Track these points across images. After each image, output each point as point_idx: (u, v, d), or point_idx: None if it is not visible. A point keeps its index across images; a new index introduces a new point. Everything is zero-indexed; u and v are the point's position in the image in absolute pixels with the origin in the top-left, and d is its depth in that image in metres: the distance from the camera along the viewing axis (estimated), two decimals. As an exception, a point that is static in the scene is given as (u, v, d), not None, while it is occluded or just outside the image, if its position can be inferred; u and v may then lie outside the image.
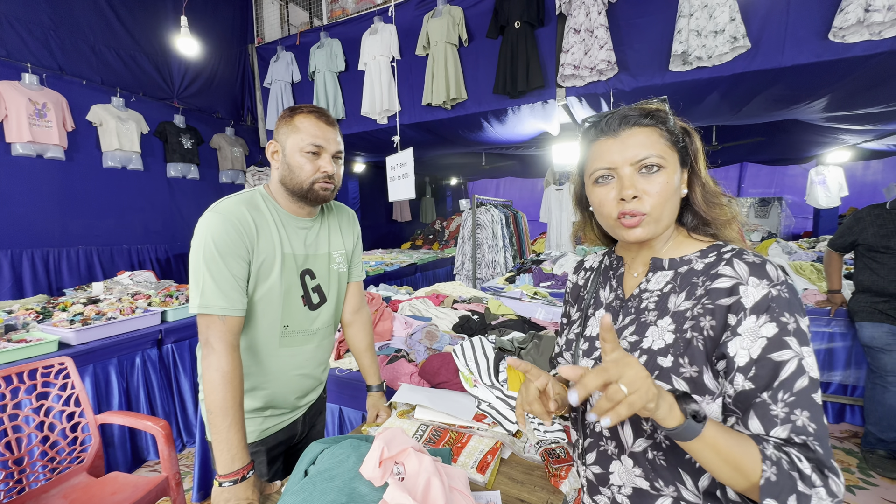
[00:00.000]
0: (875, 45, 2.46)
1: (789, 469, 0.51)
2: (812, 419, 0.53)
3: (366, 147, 5.14)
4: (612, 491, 0.70)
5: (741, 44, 2.68)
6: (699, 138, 0.70)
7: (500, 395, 1.28)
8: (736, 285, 0.60)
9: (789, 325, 0.56)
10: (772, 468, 0.51)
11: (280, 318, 1.05)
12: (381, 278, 4.31)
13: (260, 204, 1.04)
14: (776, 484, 0.50)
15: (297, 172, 1.01)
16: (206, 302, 0.92)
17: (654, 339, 0.65)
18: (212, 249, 0.92)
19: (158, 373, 2.43)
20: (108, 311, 2.37)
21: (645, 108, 0.69)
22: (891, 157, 5.93)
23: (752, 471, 0.52)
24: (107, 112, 3.38)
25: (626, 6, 3.05)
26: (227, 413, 0.90)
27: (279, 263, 1.02)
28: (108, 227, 3.45)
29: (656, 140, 0.66)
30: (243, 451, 0.92)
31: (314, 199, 1.05)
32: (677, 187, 0.67)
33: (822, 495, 0.50)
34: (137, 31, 3.65)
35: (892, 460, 2.18)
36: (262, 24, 4.89)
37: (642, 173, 0.65)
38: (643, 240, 0.68)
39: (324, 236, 1.15)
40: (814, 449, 0.52)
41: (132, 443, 2.28)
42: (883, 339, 2.14)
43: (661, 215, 0.66)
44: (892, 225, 2.14)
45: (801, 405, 0.54)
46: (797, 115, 3.76)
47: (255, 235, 0.98)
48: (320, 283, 1.13)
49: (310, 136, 1.00)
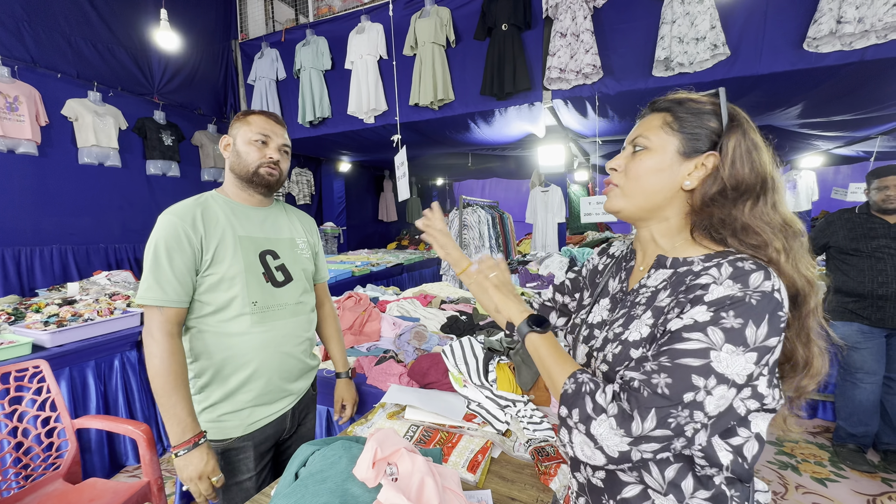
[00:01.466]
0: (846, 55, 2.57)
1: (586, 392, 0.60)
2: (669, 386, 0.54)
3: (352, 146, 5.10)
4: (588, 470, 0.72)
5: (721, 51, 2.76)
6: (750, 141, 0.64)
7: (490, 394, 1.29)
8: (709, 283, 0.58)
9: (725, 321, 0.54)
10: (571, 384, 0.62)
11: (247, 295, 1.09)
12: (368, 278, 4.28)
13: (209, 201, 1.13)
14: (570, 396, 0.61)
15: (245, 157, 1.13)
16: (146, 294, 1.00)
17: (632, 332, 0.66)
18: (159, 248, 1.02)
19: (138, 375, 2.37)
20: (84, 313, 2.30)
21: (676, 95, 0.70)
22: (860, 162, 6.19)
23: (559, 380, 0.64)
24: (83, 107, 3.28)
25: (611, 12, 3.11)
26: (171, 393, 0.98)
27: (232, 245, 1.10)
28: (84, 225, 3.33)
29: (656, 124, 0.68)
30: (193, 422, 1.01)
31: (259, 182, 1.15)
32: (662, 171, 0.66)
33: (613, 425, 0.55)
34: (115, 23, 3.54)
35: (862, 454, 2.28)
36: (246, 20, 4.80)
37: (634, 151, 0.70)
38: (614, 211, 0.73)
39: (283, 223, 1.25)
40: (641, 394, 0.55)
41: (110, 448, 2.21)
42: (853, 338, 2.23)
43: (633, 192, 0.69)
44: (861, 229, 2.24)
45: (671, 374, 0.54)
46: (773, 121, 3.90)
47: (202, 228, 1.06)
48: (285, 263, 1.20)
49: (258, 128, 1.14)
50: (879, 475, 2.19)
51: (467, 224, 4.31)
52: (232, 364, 1.09)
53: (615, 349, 0.67)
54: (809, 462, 2.32)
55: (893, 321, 2.13)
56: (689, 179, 0.66)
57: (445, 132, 4.30)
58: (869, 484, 2.13)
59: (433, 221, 1.00)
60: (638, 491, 0.65)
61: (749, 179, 0.63)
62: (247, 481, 1.12)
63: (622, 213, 0.72)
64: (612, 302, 0.77)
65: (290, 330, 1.19)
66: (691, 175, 0.65)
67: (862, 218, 2.26)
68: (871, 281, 2.15)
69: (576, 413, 0.59)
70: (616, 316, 0.72)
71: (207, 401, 1.10)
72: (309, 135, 4.42)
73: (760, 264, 0.58)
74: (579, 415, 0.59)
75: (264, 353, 1.12)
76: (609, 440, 0.56)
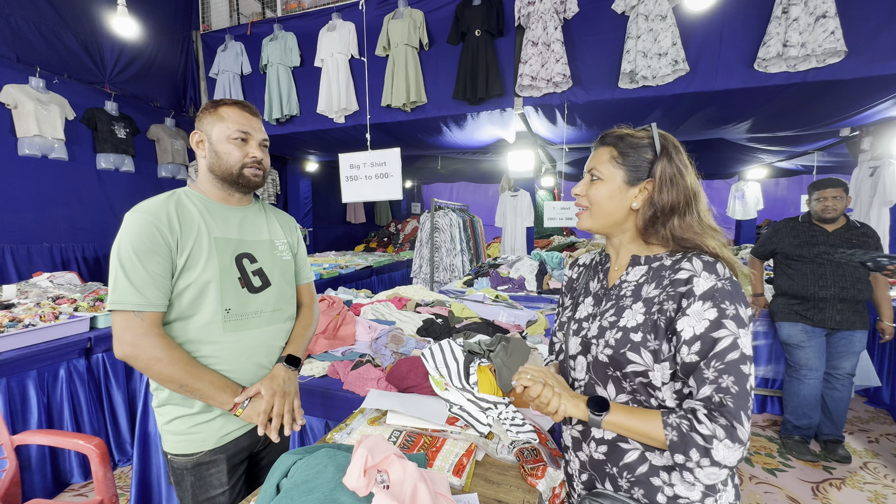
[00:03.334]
0: (791, 76, 2.79)
1: (689, 431, 0.68)
2: (736, 383, 0.68)
3: (320, 146, 4.99)
4: (592, 447, 0.84)
5: (681, 67, 2.93)
6: (676, 167, 0.80)
7: (472, 397, 1.29)
8: (691, 277, 0.75)
9: (728, 310, 0.71)
10: (672, 433, 0.69)
11: (220, 301, 1.02)
12: (338, 281, 4.19)
13: (182, 199, 1.05)
14: (678, 443, 0.68)
15: (226, 158, 1.05)
16: (122, 298, 0.92)
17: (628, 319, 0.79)
18: (128, 249, 0.93)
19: (87, 386, 2.19)
20: (25, 318, 2.10)
21: (620, 131, 0.86)
22: (798, 175, 6.73)
23: (659, 436, 0.71)
24: (23, 93, 3.02)
25: (580, 24, 3.22)
26: (196, 374, 0.96)
27: (208, 247, 1.02)
28: (25, 222, 3.06)
29: (605, 158, 0.84)
30: (230, 385, 1.00)
31: (245, 184, 1.08)
32: (615, 198, 0.83)
33: (728, 444, 0.66)
34: (62, 4, 3.29)
35: (806, 444, 2.47)
36: (209, 11, 4.59)
37: (592, 181, 0.86)
38: (584, 229, 0.88)
39: (262, 223, 1.17)
40: (727, 405, 0.67)
41: (53, 465, 2.03)
42: (798, 337, 2.42)
43: (598, 214, 0.85)
44: (805, 236, 2.42)
45: (730, 371, 0.69)
46: (725, 134, 4.17)
47: (178, 229, 0.99)
48: (262, 268, 1.12)
49: (236, 123, 1.05)
50: (821, 464, 2.37)
51: (438, 227, 4.31)
52: None
53: (616, 335, 0.79)
54: (760, 454, 2.48)
55: (832, 321, 2.32)
56: (635, 201, 0.82)
57: (417, 134, 4.29)
58: (812, 472, 2.30)
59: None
60: (637, 455, 0.79)
61: (675, 200, 0.79)
62: (220, 496, 1.05)
63: (592, 230, 0.88)
64: (595, 298, 0.90)
65: (264, 339, 1.11)
66: (637, 198, 0.82)
67: (805, 226, 2.45)
68: (813, 284, 2.34)
69: (693, 454, 0.67)
70: (604, 308, 0.86)
71: (174, 412, 1.03)
72: (275, 133, 4.28)
73: (712, 255, 0.78)
74: (697, 453, 0.67)
75: (235, 363, 1.05)
76: (730, 457, 0.66)
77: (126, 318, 0.92)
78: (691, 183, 0.81)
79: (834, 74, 2.71)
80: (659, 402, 0.77)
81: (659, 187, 0.79)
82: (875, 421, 2.88)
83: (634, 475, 0.78)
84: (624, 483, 0.79)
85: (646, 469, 0.77)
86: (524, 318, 2.24)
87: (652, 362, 0.75)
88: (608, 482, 0.82)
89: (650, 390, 0.77)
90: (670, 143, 0.82)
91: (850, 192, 2.40)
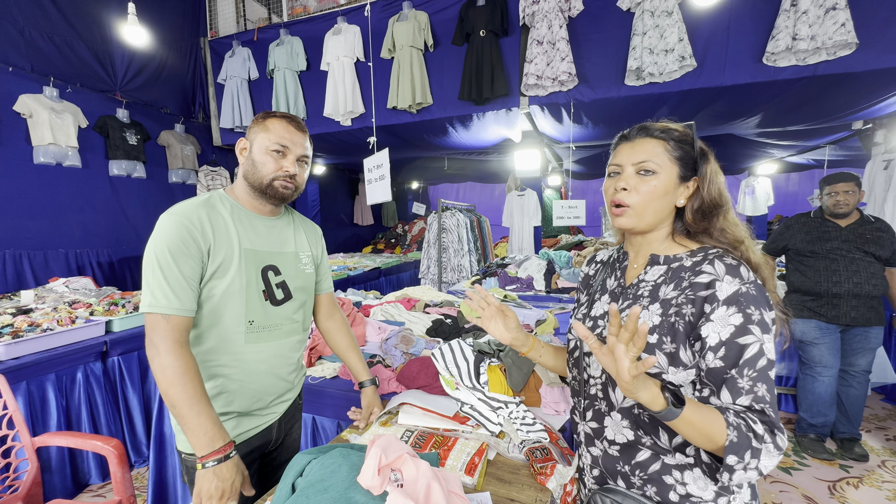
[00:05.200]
0: (801, 69, 2.76)
1: (747, 431, 0.65)
2: (768, 390, 0.68)
3: (327, 149, 5.02)
4: (605, 444, 0.84)
5: (688, 63, 2.90)
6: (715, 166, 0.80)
7: (482, 396, 1.29)
8: (713, 281, 0.72)
9: (753, 315, 0.69)
10: (734, 433, 0.65)
11: (244, 313, 1.03)
12: (346, 283, 4.22)
13: (217, 204, 1.05)
14: (737, 444, 0.64)
15: (260, 168, 1.05)
16: (153, 301, 0.93)
17: (644, 320, 0.75)
18: (164, 250, 0.93)
19: (103, 388, 2.23)
20: (42, 322, 2.15)
21: (663, 125, 0.82)
22: (810, 170, 6.63)
23: (719, 436, 0.65)
24: (38, 103, 3.07)
25: (585, 22, 3.21)
26: (192, 403, 0.90)
27: (237, 258, 1.02)
28: (41, 228, 3.12)
29: (660, 151, 0.79)
30: (221, 431, 0.92)
31: (273, 195, 1.08)
32: (668, 194, 0.79)
33: (771, 449, 0.65)
34: (74, 15, 3.35)
35: (822, 443, 2.43)
36: (216, 18, 4.65)
37: (640, 175, 0.79)
38: (626, 228, 0.83)
39: (289, 235, 1.17)
40: (768, 414, 0.67)
41: (72, 466, 2.08)
42: (812, 334, 2.38)
43: (645, 211, 0.80)
44: (817, 231, 2.39)
45: (761, 380, 0.68)
46: (734, 129, 4.12)
47: (210, 236, 0.99)
48: (286, 280, 1.13)
49: (277, 136, 1.05)
50: (837, 462, 2.34)
51: (446, 227, 4.32)
52: (221, 381, 1.03)
53: None
54: (774, 452, 2.45)
55: (847, 317, 2.29)
56: (681, 198, 0.81)
57: (423, 136, 4.30)
58: (829, 471, 2.27)
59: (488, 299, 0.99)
60: (649, 455, 0.78)
61: (717, 197, 0.79)
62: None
63: (634, 228, 0.82)
64: (612, 296, 0.88)
65: (283, 351, 1.12)
66: (683, 195, 0.81)
67: (817, 222, 2.42)
68: (827, 280, 2.30)
69: (747, 455, 0.64)
70: (620, 307, 0.84)
71: None
72: (283, 136, 4.31)
73: (735, 258, 0.75)
74: (750, 455, 0.64)
75: (254, 374, 1.07)
76: (770, 463, 0.65)
77: (155, 319, 0.93)
78: (723, 181, 0.81)
79: (845, 67, 2.66)
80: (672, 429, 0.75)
81: (708, 183, 0.79)
82: (893, 418, 2.83)
83: (647, 473, 0.78)
84: (637, 480, 0.79)
85: (658, 467, 0.77)
86: (533, 318, 2.24)
87: (667, 365, 0.74)
88: (620, 479, 0.82)
89: None
90: (705, 145, 0.83)
91: (863, 187, 2.36)
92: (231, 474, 0.91)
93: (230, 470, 0.91)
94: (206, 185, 4.42)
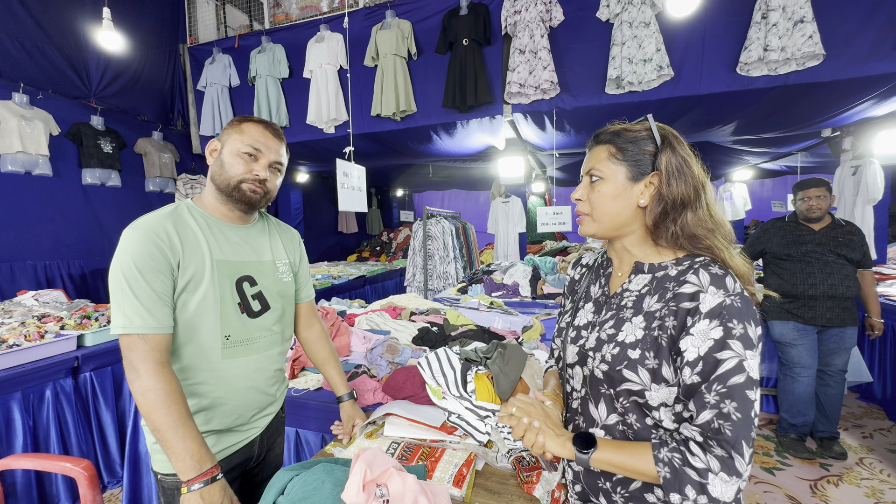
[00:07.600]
0: (772, 79, 2.86)
1: (681, 466, 0.64)
2: (739, 409, 0.63)
3: (310, 156, 4.98)
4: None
5: (666, 72, 2.98)
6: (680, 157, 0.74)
7: (469, 405, 1.27)
8: (697, 292, 0.69)
9: (734, 330, 0.65)
10: (664, 469, 0.64)
11: (220, 328, 0.99)
12: (331, 292, 4.15)
13: (184, 214, 1.00)
14: (671, 481, 0.64)
15: (228, 169, 1.01)
16: (127, 322, 0.88)
17: (627, 333, 0.74)
18: (130, 266, 0.88)
19: (74, 406, 2.13)
20: (9, 338, 2.05)
21: (615, 128, 0.81)
22: (782, 176, 6.86)
23: (651, 472, 0.66)
24: (7, 109, 2.97)
25: (566, 32, 3.27)
26: (177, 426, 0.86)
27: (209, 271, 0.98)
28: (8, 239, 2.99)
29: (604, 156, 0.79)
30: (207, 453, 0.89)
31: (240, 198, 1.02)
32: (619, 197, 0.77)
33: (725, 478, 0.61)
34: (46, 19, 3.25)
35: (803, 442, 2.48)
36: (196, 24, 4.58)
37: (593, 182, 0.80)
38: (588, 235, 0.83)
39: (264, 243, 1.13)
40: (724, 433, 0.62)
41: (39, 490, 1.97)
42: (790, 335, 2.44)
43: (601, 218, 0.79)
44: (792, 235, 2.46)
45: (732, 397, 0.63)
46: (710, 137, 4.23)
47: (179, 248, 0.94)
48: (262, 291, 1.09)
49: (251, 138, 1.01)
50: (818, 461, 2.39)
51: (431, 235, 4.30)
52: (200, 398, 0.99)
53: (613, 350, 0.74)
54: (759, 453, 2.49)
55: (823, 318, 2.35)
56: (642, 198, 0.77)
57: (408, 143, 4.30)
58: (810, 470, 2.31)
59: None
60: None
61: (685, 192, 0.74)
62: (213, 515, 1.02)
63: (596, 234, 0.82)
64: (596, 305, 0.85)
65: (263, 364, 1.08)
66: (643, 194, 0.76)
67: (792, 226, 2.49)
68: (803, 283, 2.37)
69: (689, 491, 0.63)
70: (604, 317, 0.81)
71: None
72: (265, 144, 4.25)
73: (722, 267, 0.71)
74: (693, 490, 0.63)
75: (234, 390, 1.03)
76: (728, 491, 0.62)
77: (131, 340, 0.87)
78: (698, 172, 0.76)
79: (813, 77, 2.77)
80: (655, 422, 0.73)
81: (667, 179, 0.74)
82: (868, 416, 2.91)
83: (629, 491, 0.75)
84: (618, 498, 0.76)
85: (639, 485, 0.74)
86: (520, 324, 2.24)
87: (649, 381, 0.71)
88: (602, 496, 0.79)
89: (645, 411, 0.73)
90: (669, 133, 0.77)
91: (833, 191, 2.45)
92: (219, 497, 0.87)
93: (217, 493, 0.87)
94: (185, 193, 4.32)
